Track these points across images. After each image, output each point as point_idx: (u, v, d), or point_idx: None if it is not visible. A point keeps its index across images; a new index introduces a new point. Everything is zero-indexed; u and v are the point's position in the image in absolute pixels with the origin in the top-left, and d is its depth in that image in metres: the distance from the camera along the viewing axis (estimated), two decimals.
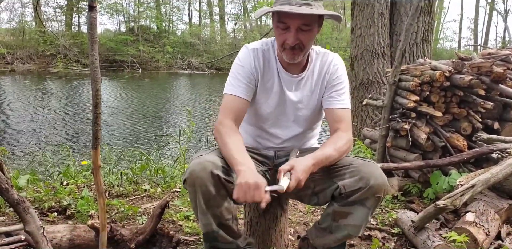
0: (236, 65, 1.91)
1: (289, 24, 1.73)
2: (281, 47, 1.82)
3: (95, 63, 1.60)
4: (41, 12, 27.89)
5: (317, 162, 1.68)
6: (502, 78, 3.38)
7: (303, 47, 1.79)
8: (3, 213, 2.82)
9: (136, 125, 11.57)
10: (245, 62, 1.90)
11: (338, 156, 1.79)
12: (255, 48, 1.93)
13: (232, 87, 1.87)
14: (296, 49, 1.79)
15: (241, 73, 1.88)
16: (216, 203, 1.68)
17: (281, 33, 1.78)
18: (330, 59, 1.98)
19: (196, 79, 26.55)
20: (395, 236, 2.65)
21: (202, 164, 1.64)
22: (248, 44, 1.97)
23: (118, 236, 2.18)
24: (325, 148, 1.79)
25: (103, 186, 1.80)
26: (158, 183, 3.71)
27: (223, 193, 1.69)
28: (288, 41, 1.76)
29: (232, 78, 1.89)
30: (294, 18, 1.71)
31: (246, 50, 1.93)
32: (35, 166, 5.12)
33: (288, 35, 1.75)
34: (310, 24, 1.75)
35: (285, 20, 1.73)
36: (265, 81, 1.93)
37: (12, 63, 25.28)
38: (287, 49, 1.79)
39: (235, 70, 1.90)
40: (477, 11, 36.21)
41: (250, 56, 1.91)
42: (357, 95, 6.07)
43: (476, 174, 2.80)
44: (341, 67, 1.99)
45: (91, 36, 1.58)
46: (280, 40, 1.80)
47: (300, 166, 1.62)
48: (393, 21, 6.12)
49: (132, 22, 33.48)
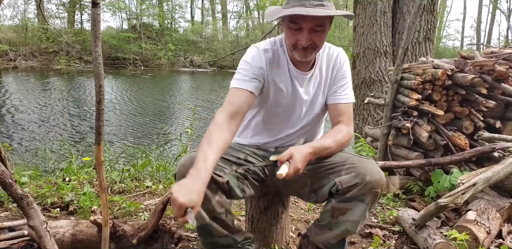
0: (243, 62, 1.89)
1: (302, 25, 1.71)
2: (292, 47, 1.80)
3: (98, 59, 1.60)
4: (44, 9, 27.88)
5: (314, 151, 1.71)
6: (505, 77, 3.38)
7: (316, 47, 1.79)
8: (6, 208, 2.83)
9: (139, 122, 11.60)
10: (253, 61, 1.87)
11: (336, 148, 1.82)
12: (265, 49, 1.90)
13: (237, 81, 1.85)
14: (308, 49, 1.78)
15: (249, 69, 1.86)
16: (207, 197, 1.68)
17: (293, 34, 1.76)
18: (336, 54, 1.98)
19: (198, 77, 26.57)
20: (396, 234, 2.66)
21: (192, 158, 1.64)
22: (257, 44, 1.94)
23: (120, 231, 2.19)
24: (324, 139, 1.84)
25: (105, 182, 1.81)
26: (160, 179, 3.73)
27: (213, 186, 1.70)
28: (301, 41, 1.74)
29: (238, 74, 1.88)
30: (308, 19, 1.69)
31: (257, 50, 1.90)
32: (38, 162, 5.14)
33: (301, 36, 1.74)
34: (324, 25, 1.74)
35: (298, 21, 1.71)
36: (277, 81, 1.91)
37: (15, 60, 25.33)
38: (299, 48, 1.78)
39: (243, 66, 1.88)
40: (480, 10, 36.24)
41: (261, 56, 1.88)
42: (359, 93, 6.08)
43: (478, 172, 2.80)
44: (346, 62, 2.01)
45: (94, 32, 1.59)
46: (292, 40, 1.78)
47: (298, 154, 1.64)
48: (396, 20, 6.11)
49: (134, 20, 33.54)
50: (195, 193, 1.45)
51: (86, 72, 23.40)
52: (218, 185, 1.72)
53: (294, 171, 1.61)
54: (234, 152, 1.91)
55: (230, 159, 1.86)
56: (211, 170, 1.55)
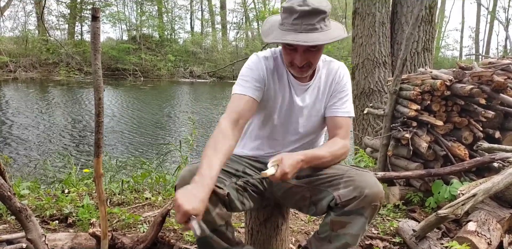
0: (245, 69, 1.91)
1: (297, 47, 1.73)
2: (289, 63, 1.82)
3: (97, 72, 1.61)
4: (45, 20, 28.08)
5: (306, 159, 1.69)
6: (503, 88, 3.39)
7: (311, 65, 1.80)
8: (4, 221, 2.82)
9: (138, 133, 11.61)
10: (255, 67, 1.90)
11: (330, 159, 1.80)
12: (266, 56, 1.93)
13: (239, 87, 1.86)
14: (304, 67, 1.79)
15: (250, 75, 1.88)
16: (207, 209, 1.68)
17: (288, 53, 1.78)
18: (336, 68, 1.99)
19: (198, 87, 26.65)
20: (396, 245, 2.64)
21: (192, 171, 1.63)
22: (258, 53, 1.97)
23: (119, 244, 2.18)
24: (318, 149, 1.85)
25: (104, 194, 1.81)
26: (159, 191, 3.72)
27: (214, 199, 1.69)
28: (296, 61, 1.76)
29: (240, 80, 1.89)
30: None
31: (257, 57, 1.93)
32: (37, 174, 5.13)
33: (295, 55, 1.75)
34: (318, 45, 1.73)
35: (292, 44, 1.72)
36: (275, 88, 1.93)
37: (15, 72, 25.43)
38: (295, 66, 1.80)
39: (244, 72, 1.90)
40: (478, 20, 36.41)
41: (261, 62, 1.91)
42: (358, 104, 6.09)
43: (478, 183, 2.80)
44: (346, 76, 2.01)
45: (94, 46, 1.60)
46: (287, 59, 1.80)
47: (288, 159, 1.63)
48: (394, 30, 6.16)
49: (134, 31, 33.75)
50: (200, 201, 1.44)
51: (86, 83, 23.48)
52: (219, 197, 1.71)
53: (281, 174, 1.59)
54: (232, 164, 1.91)
55: (230, 171, 1.85)
56: (215, 178, 1.55)
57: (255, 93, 1.84)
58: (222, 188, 1.71)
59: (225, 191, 1.72)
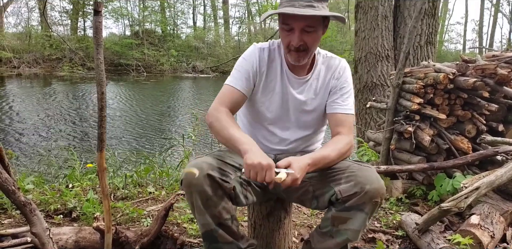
0: (241, 59, 1.97)
1: (293, 25, 1.76)
2: (286, 49, 1.86)
3: (100, 66, 1.62)
4: (47, 16, 28.09)
5: (313, 162, 1.69)
6: (507, 81, 3.37)
7: (307, 49, 1.82)
8: (9, 215, 2.84)
9: (141, 128, 11.63)
10: (248, 58, 1.95)
11: (336, 158, 1.80)
12: (262, 48, 1.97)
13: (233, 79, 1.91)
14: (301, 51, 1.82)
15: (244, 67, 1.93)
16: (214, 203, 1.69)
17: (286, 35, 1.81)
18: (336, 64, 2.00)
19: (200, 82, 26.63)
20: (399, 239, 2.65)
21: (198, 165, 1.65)
22: (257, 43, 2.01)
23: (123, 238, 2.20)
24: (324, 149, 1.83)
25: (108, 188, 1.82)
26: (162, 185, 3.73)
27: (220, 193, 1.70)
28: (292, 42, 1.79)
29: (235, 71, 1.95)
30: (298, 19, 1.74)
31: (254, 48, 1.97)
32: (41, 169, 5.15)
33: (293, 36, 1.79)
34: (314, 26, 1.77)
35: (289, 21, 1.76)
36: (268, 80, 1.95)
37: (19, 67, 25.49)
38: (292, 50, 1.83)
39: (239, 63, 1.96)
40: (482, 13, 36.21)
41: (255, 53, 1.95)
42: (361, 98, 6.07)
43: (481, 176, 2.80)
44: (347, 72, 2.01)
45: (96, 40, 1.61)
46: (285, 41, 1.84)
47: (297, 163, 1.63)
48: (397, 24, 6.12)
49: (137, 26, 33.71)
50: (269, 157, 1.59)
51: (89, 78, 23.51)
52: (225, 191, 1.71)
53: (292, 181, 1.59)
54: (236, 158, 1.91)
55: (234, 165, 1.85)
56: (256, 143, 1.67)
57: (246, 89, 1.91)
58: (229, 182, 1.71)
59: (231, 185, 1.73)
